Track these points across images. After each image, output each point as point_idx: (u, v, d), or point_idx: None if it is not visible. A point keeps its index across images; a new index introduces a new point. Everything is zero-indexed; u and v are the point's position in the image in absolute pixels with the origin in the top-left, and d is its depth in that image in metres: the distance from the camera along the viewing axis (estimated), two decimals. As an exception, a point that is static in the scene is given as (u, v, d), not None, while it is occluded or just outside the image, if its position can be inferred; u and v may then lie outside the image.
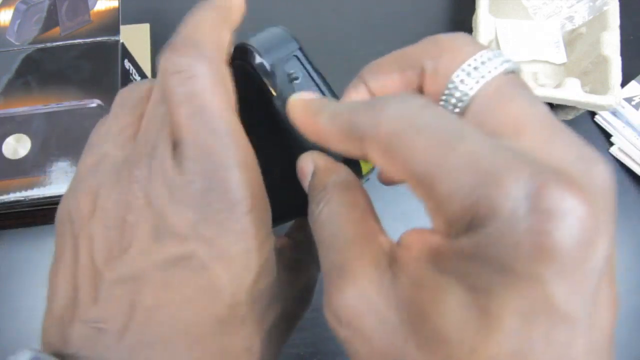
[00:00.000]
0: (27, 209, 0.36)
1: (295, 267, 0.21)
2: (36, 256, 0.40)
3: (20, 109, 0.36)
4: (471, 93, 0.15)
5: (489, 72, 0.15)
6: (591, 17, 0.46)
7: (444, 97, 0.16)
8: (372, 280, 0.14)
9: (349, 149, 0.16)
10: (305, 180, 0.18)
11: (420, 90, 0.17)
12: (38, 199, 0.34)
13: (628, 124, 0.44)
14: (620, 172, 0.44)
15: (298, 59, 0.20)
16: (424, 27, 0.50)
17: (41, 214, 0.36)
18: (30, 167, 0.35)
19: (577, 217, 0.11)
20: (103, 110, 0.36)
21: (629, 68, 0.45)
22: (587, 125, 0.46)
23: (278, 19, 0.50)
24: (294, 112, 0.18)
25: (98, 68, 0.37)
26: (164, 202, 0.16)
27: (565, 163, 0.13)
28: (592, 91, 0.42)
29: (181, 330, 0.16)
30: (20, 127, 0.36)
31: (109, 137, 0.18)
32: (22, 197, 0.34)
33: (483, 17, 0.43)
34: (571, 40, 0.47)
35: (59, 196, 0.34)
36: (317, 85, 0.20)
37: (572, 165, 0.13)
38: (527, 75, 0.41)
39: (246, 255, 0.16)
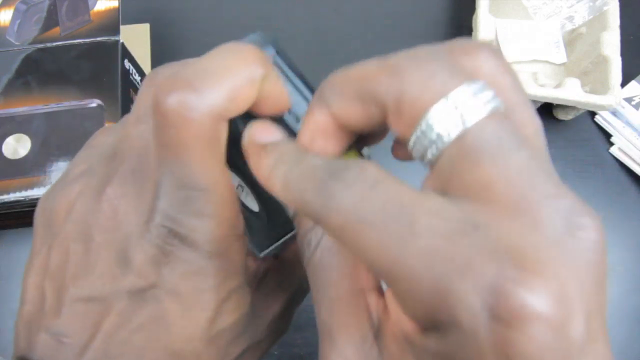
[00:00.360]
0: (27, 209, 0.36)
1: (272, 293, 0.21)
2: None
3: (20, 109, 0.36)
4: (448, 139, 0.12)
5: (472, 113, 0.12)
6: (591, 17, 0.46)
7: (414, 139, 0.13)
8: (357, 354, 0.14)
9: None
10: (290, 210, 0.18)
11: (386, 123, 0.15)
12: (38, 199, 0.34)
13: (628, 124, 0.44)
14: (620, 172, 0.44)
15: (277, 64, 0.20)
16: (424, 27, 0.50)
17: (41, 214, 0.36)
18: (30, 167, 0.35)
19: (543, 320, 0.10)
20: (103, 110, 0.36)
21: (629, 68, 0.45)
22: (587, 125, 0.46)
23: (278, 19, 0.50)
24: (248, 154, 0.16)
25: (98, 68, 0.37)
26: (131, 233, 0.16)
27: (545, 232, 0.11)
28: (592, 91, 0.42)
29: (137, 358, 0.16)
30: (20, 127, 0.36)
31: (101, 148, 0.18)
32: (22, 197, 0.34)
33: (483, 17, 0.43)
34: (571, 40, 0.47)
35: (59, 196, 0.34)
36: (297, 90, 0.20)
37: (555, 230, 0.11)
38: (527, 75, 0.41)
39: (199, 294, 0.16)
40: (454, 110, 0.12)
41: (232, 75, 0.15)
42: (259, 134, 0.16)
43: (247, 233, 0.20)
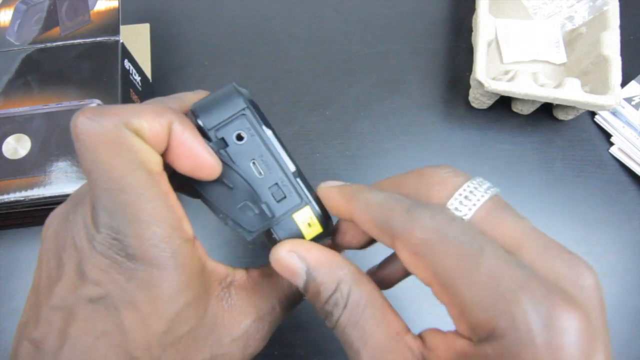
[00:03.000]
0: (27, 209, 0.36)
1: (239, 307, 0.21)
2: (36, 256, 0.40)
3: (20, 109, 0.36)
4: (466, 218, 0.17)
5: (478, 199, 0.17)
6: (591, 17, 0.46)
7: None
8: None
9: (378, 237, 0.18)
10: (298, 279, 0.19)
11: None
12: (38, 199, 0.34)
13: (628, 124, 0.44)
14: (620, 172, 0.44)
15: (246, 117, 0.20)
16: (424, 27, 0.50)
17: (41, 214, 0.36)
18: (30, 167, 0.35)
19: (581, 332, 0.14)
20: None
21: (629, 68, 0.45)
22: (587, 125, 0.46)
23: (278, 19, 0.50)
24: (328, 199, 0.20)
25: (98, 68, 0.37)
26: (83, 246, 0.18)
27: (560, 275, 0.15)
28: (592, 91, 0.42)
29: None
30: (20, 127, 0.36)
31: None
32: (22, 197, 0.34)
33: (483, 17, 0.43)
34: (571, 40, 0.47)
35: (59, 196, 0.34)
36: (265, 145, 0.20)
37: (566, 278, 0.15)
38: (527, 75, 0.41)
39: (153, 303, 0.17)
40: (470, 194, 0.18)
41: (135, 107, 0.18)
42: (331, 183, 0.20)
43: (233, 217, 0.20)
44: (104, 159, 0.17)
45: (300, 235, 0.20)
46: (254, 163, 0.20)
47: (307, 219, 0.20)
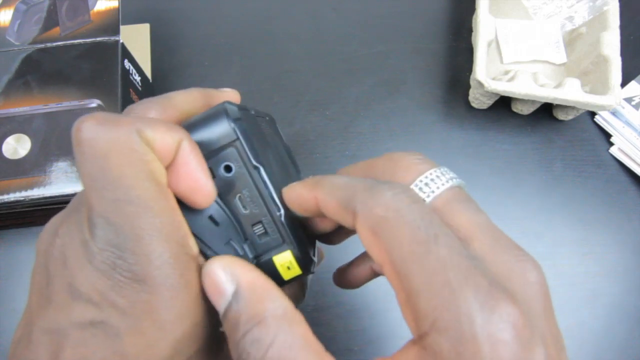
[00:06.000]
0: (27, 209, 0.36)
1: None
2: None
3: (20, 109, 0.36)
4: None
5: (438, 187, 0.18)
6: (591, 17, 0.46)
7: None
8: None
9: (342, 219, 0.17)
10: (221, 300, 0.17)
11: None
12: (38, 199, 0.34)
13: (628, 124, 0.44)
14: (620, 172, 0.44)
15: (236, 150, 0.19)
16: (423, 27, 0.50)
17: (41, 214, 0.36)
18: (30, 167, 0.35)
19: (519, 327, 0.14)
20: (103, 110, 0.36)
21: (629, 68, 0.45)
22: (587, 125, 0.46)
23: (278, 19, 0.50)
24: (291, 195, 0.19)
25: (98, 68, 0.37)
26: (76, 265, 0.16)
27: (508, 269, 0.16)
28: (592, 91, 0.42)
29: None
30: (20, 127, 0.36)
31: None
32: (22, 197, 0.34)
33: (483, 17, 0.43)
34: (571, 40, 0.47)
35: (59, 196, 0.34)
36: (253, 180, 0.19)
37: (513, 272, 0.16)
38: (527, 75, 0.41)
39: (160, 328, 0.16)
40: (431, 181, 0.18)
41: (147, 118, 0.17)
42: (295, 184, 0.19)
43: (238, 236, 0.19)
44: (113, 167, 0.16)
45: (279, 278, 0.20)
46: (240, 197, 0.19)
47: (286, 262, 0.19)
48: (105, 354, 0.16)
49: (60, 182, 0.35)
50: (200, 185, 0.18)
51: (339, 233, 0.22)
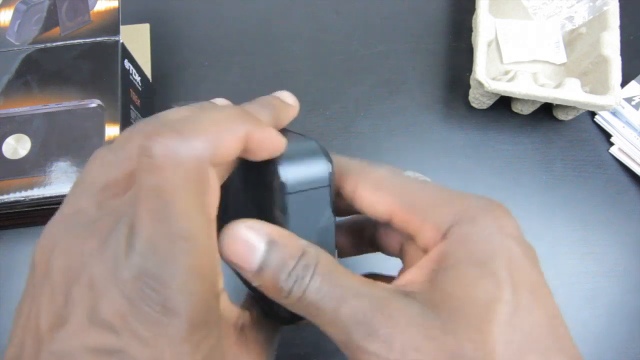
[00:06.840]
0: (27, 209, 0.36)
1: (251, 348, 0.20)
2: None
3: (20, 109, 0.36)
4: None
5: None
6: (591, 17, 0.46)
7: None
8: (417, 326, 0.16)
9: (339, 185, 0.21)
10: (253, 256, 0.17)
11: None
12: (38, 199, 0.34)
13: (628, 124, 0.44)
14: (620, 172, 0.44)
15: (321, 194, 0.18)
16: (424, 27, 0.50)
17: (41, 214, 0.36)
18: (30, 167, 0.35)
19: (512, 221, 0.18)
20: (103, 110, 0.36)
21: (629, 68, 0.45)
22: (587, 126, 0.46)
23: (278, 19, 0.50)
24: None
25: (98, 68, 0.37)
26: (103, 287, 0.15)
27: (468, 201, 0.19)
28: (592, 91, 0.42)
29: None
30: (20, 127, 0.36)
31: (93, 188, 0.18)
32: (22, 197, 0.34)
33: (483, 17, 0.43)
34: (571, 40, 0.47)
35: (59, 196, 0.34)
36: (320, 225, 0.19)
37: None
38: (527, 75, 0.41)
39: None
40: None
41: (217, 126, 0.16)
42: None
43: None
44: (177, 200, 0.15)
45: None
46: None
47: None
48: None
49: (60, 182, 0.35)
50: (276, 144, 0.18)
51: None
